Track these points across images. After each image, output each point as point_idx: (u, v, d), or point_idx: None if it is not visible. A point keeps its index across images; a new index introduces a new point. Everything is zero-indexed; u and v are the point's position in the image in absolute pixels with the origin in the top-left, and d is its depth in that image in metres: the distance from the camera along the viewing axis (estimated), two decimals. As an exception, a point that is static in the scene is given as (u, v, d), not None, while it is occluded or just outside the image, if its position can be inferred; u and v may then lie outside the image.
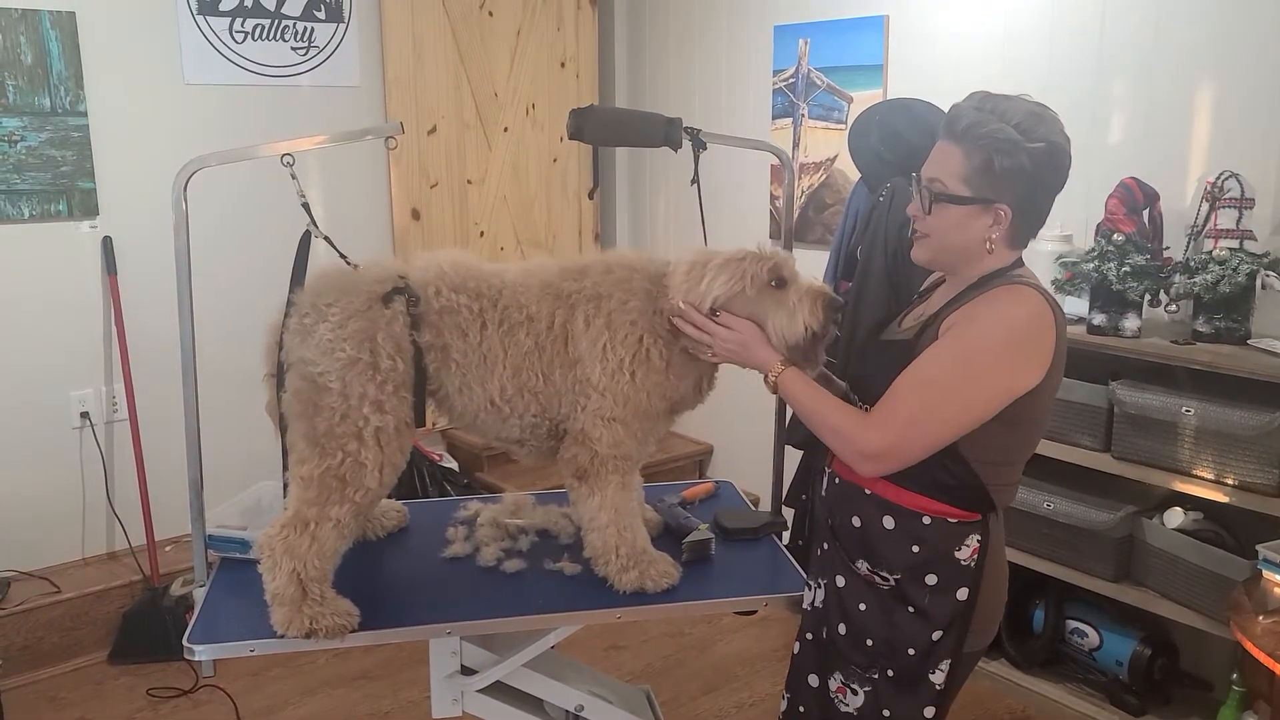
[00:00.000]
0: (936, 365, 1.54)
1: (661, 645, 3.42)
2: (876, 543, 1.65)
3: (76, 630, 3.29)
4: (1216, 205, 2.61)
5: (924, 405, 1.53)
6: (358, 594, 1.77)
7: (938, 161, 1.59)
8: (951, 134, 1.57)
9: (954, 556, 1.61)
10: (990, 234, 1.58)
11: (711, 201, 2.01)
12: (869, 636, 1.66)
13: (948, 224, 1.59)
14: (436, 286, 1.77)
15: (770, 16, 3.87)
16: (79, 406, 3.46)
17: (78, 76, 3.28)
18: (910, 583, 1.62)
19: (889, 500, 1.63)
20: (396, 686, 3.17)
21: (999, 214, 1.57)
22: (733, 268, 1.75)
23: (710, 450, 4.46)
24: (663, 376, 1.80)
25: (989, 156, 1.53)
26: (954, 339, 1.54)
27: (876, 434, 1.55)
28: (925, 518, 1.61)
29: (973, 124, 1.54)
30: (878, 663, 1.66)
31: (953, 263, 1.65)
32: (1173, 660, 2.83)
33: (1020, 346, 1.52)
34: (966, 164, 1.55)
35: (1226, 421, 2.46)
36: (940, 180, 1.58)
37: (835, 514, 1.73)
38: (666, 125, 1.99)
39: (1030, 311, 1.53)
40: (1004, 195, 1.56)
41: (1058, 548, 2.85)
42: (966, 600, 1.62)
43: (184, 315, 1.82)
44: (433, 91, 4.09)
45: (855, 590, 1.68)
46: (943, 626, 1.62)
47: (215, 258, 3.52)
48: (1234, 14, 2.66)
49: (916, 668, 1.63)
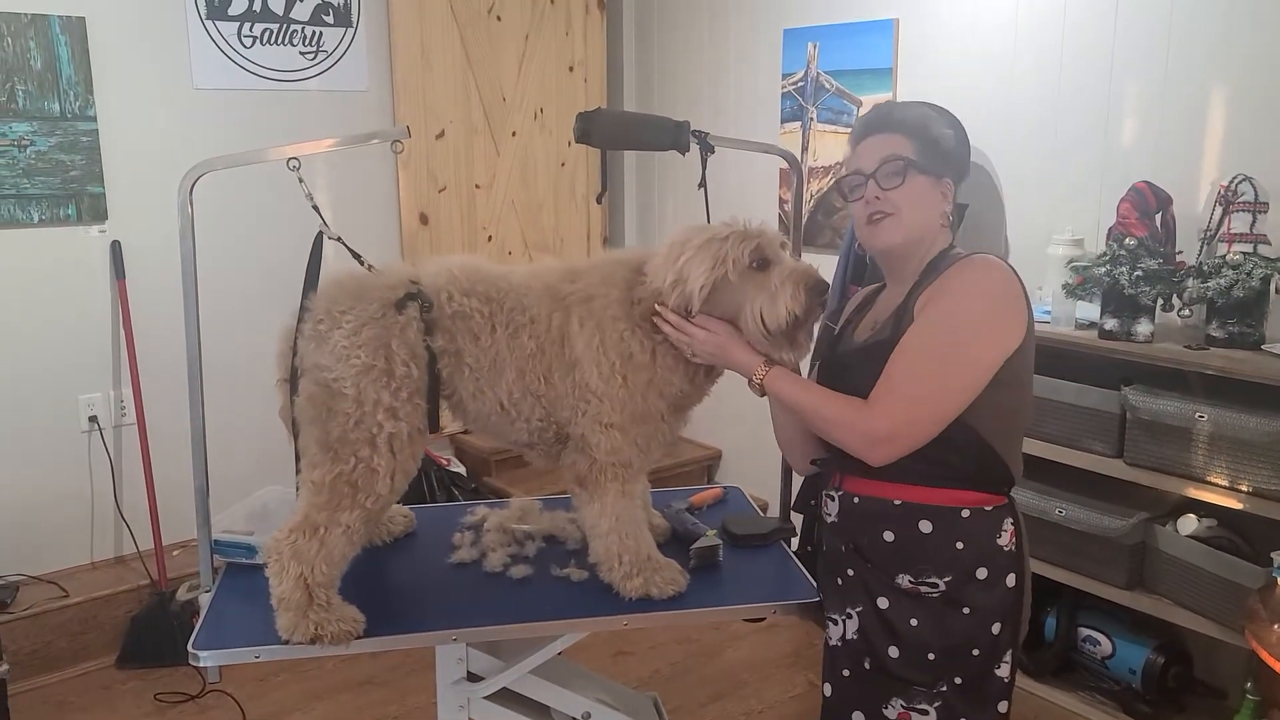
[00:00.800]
0: (927, 340, 1.55)
1: (669, 652, 3.41)
2: (917, 551, 1.61)
3: (84, 635, 3.29)
4: (1230, 209, 2.59)
5: (924, 379, 1.54)
6: (364, 599, 1.76)
7: (884, 147, 1.64)
8: (886, 126, 1.66)
9: (997, 544, 1.61)
10: (944, 207, 1.66)
11: (720, 205, 2.00)
12: (929, 651, 1.61)
13: (916, 196, 1.63)
14: (449, 291, 1.76)
15: (779, 20, 3.86)
16: (87, 410, 3.46)
17: (87, 81, 3.29)
18: (961, 583, 1.60)
19: (922, 504, 1.61)
20: (403, 693, 3.16)
21: (946, 186, 1.67)
22: (713, 249, 1.71)
23: (719, 455, 4.44)
24: (650, 371, 1.77)
25: (929, 136, 1.64)
26: (937, 312, 1.56)
27: (883, 417, 1.55)
28: (964, 511, 1.59)
29: (906, 114, 1.67)
30: (944, 674, 1.61)
31: (919, 240, 1.66)
32: (1186, 668, 2.81)
33: (1001, 307, 1.57)
34: (913, 145, 1.63)
35: (1241, 427, 2.44)
36: (901, 155, 1.62)
37: (860, 535, 1.68)
38: (674, 128, 1.98)
39: (1002, 274, 1.59)
40: (947, 170, 1.67)
41: (1070, 555, 2.83)
42: (1015, 586, 1.62)
43: (190, 319, 1.82)
44: (441, 96, 4.09)
45: (902, 607, 1.63)
46: (1000, 618, 1.61)
47: (224, 263, 3.52)
48: (1246, 17, 2.64)
49: (983, 667, 1.61)
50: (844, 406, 1.59)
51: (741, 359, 1.70)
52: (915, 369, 1.54)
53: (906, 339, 1.57)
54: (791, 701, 3.13)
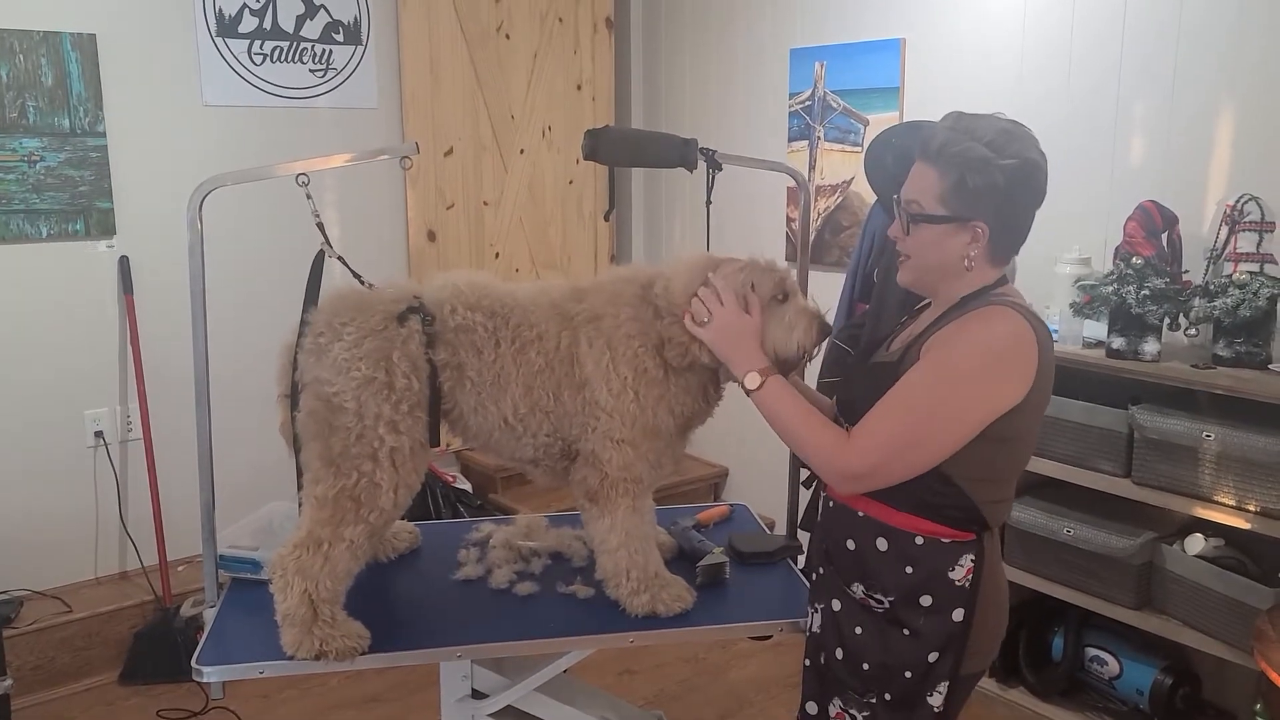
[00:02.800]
0: (918, 389, 1.54)
1: (675, 670, 3.39)
2: (871, 565, 1.64)
3: (88, 650, 3.29)
4: (1236, 228, 2.59)
5: (904, 427, 1.54)
6: (369, 616, 1.76)
7: (914, 183, 1.61)
8: (926, 155, 1.59)
9: (948, 577, 1.60)
10: (969, 251, 1.59)
11: (728, 223, 2.01)
12: (865, 660, 1.65)
13: (925, 244, 1.60)
14: (452, 305, 1.76)
15: (786, 40, 3.88)
16: (94, 426, 3.47)
17: (97, 97, 3.32)
18: (905, 605, 1.61)
19: (882, 521, 1.63)
20: (408, 710, 3.14)
21: (976, 232, 1.58)
22: (743, 276, 1.75)
23: (725, 473, 4.44)
24: (663, 388, 1.78)
25: (962, 175, 1.55)
26: (933, 361, 1.55)
27: (857, 456, 1.55)
28: (918, 538, 1.60)
29: (945, 143, 1.56)
30: (874, 687, 1.64)
31: (934, 282, 1.65)
32: (1195, 689, 2.79)
33: (999, 365, 1.52)
34: (941, 184, 1.57)
35: (1248, 447, 2.43)
36: (917, 201, 1.60)
37: (830, 537, 1.73)
38: (682, 146, 1.99)
39: (1009, 330, 1.53)
40: (979, 213, 1.57)
41: (1077, 574, 2.81)
42: (962, 621, 1.60)
43: (198, 335, 1.82)
44: (449, 113, 4.11)
45: (851, 614, 1.68)
46: (938, 648, 1.60)
47: (232, 279, 3.53)
48: (1253, 37, 2.65)
49: (914, 691, 1.62)
50: (825, 435, 1.60)
51: (750, 351, 1.69)
52: (899, 416, 1.54)
53: (901, 383, 1.56)
54: (797, 721, 3.10)
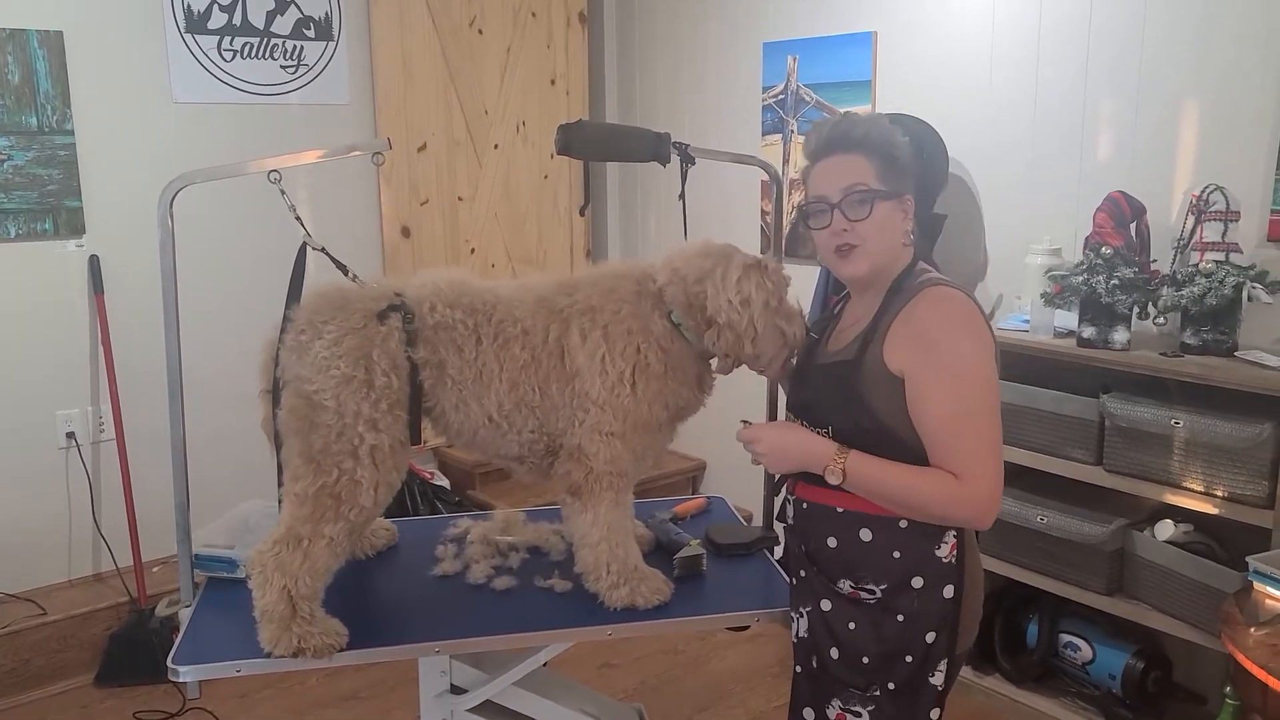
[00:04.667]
0: (961, 396, 1.56)
1: (654, 663, 3.40)
2: (857, 558, 1.66)
3: (63, 653, 3.26)
4: (1202, 218, 2.63)
5: (987, 434, 1.57)
6: (346, 613, 1.76)
7: (843, 172, 1.64)
8: (845, 145, 1.64)
9: (935, 556, 1.63)
10: (906, 226, 1.67)
11: (702, 218, 2.02)
12: (864, 655, 1.66)
13: (879, 225, 1.63)
14: (431, 303, 1.76)
15: (759, 33, 3.89)
16: (65, 427, 3.44)
17: (65, 95, 3.28)
18: (897, 590, 1.63)
19: (864, 513, 1.64)
20: (387, 707, 3.14)
21: (907, 204, 1.67)
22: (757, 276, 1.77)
23: (703, 466, 4.45)
24: (662, 382, 1.79)
25: (889, 153, 1.63)
26: (941, 367, 1.57)
27: (983, 482, 1.55)
28: (901, 522, 1.62)
29: (867, 130, 1.64)
30: (877, 679, 1.65)
31: (885, 266, 1.67)
32: (1166, 673, 2.83)
33: (984, 340, 1.61)
34: (871, 166, 1.63)
35: (1216, 433, 2.47)
36: (862, 183, 1.62)
37: (809, 539, 1.74)
38: (655, 140, 2.00)
39: (969, 308, 1.62)
40: (906, 186, 1.66)
41: (1050, 561, 2.85)
42: (953, 597, 1.64)
43: (170, 334, 1.81)
44: (423, 109, 4.09)
45: (842, 611, 1.68)
46: (935, 627, 1.63)
47: (203, 277, 3.50)
48: (1218, 31, 2.68)
49: (916, 674, 1.64)
50: (940, 483, 1.56)
51: (816, 449, 1.64)
52: (976, 429, 1.56)
53: (933, 402, 1.56)
54: (776, 712, 3.13)
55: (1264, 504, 2.41)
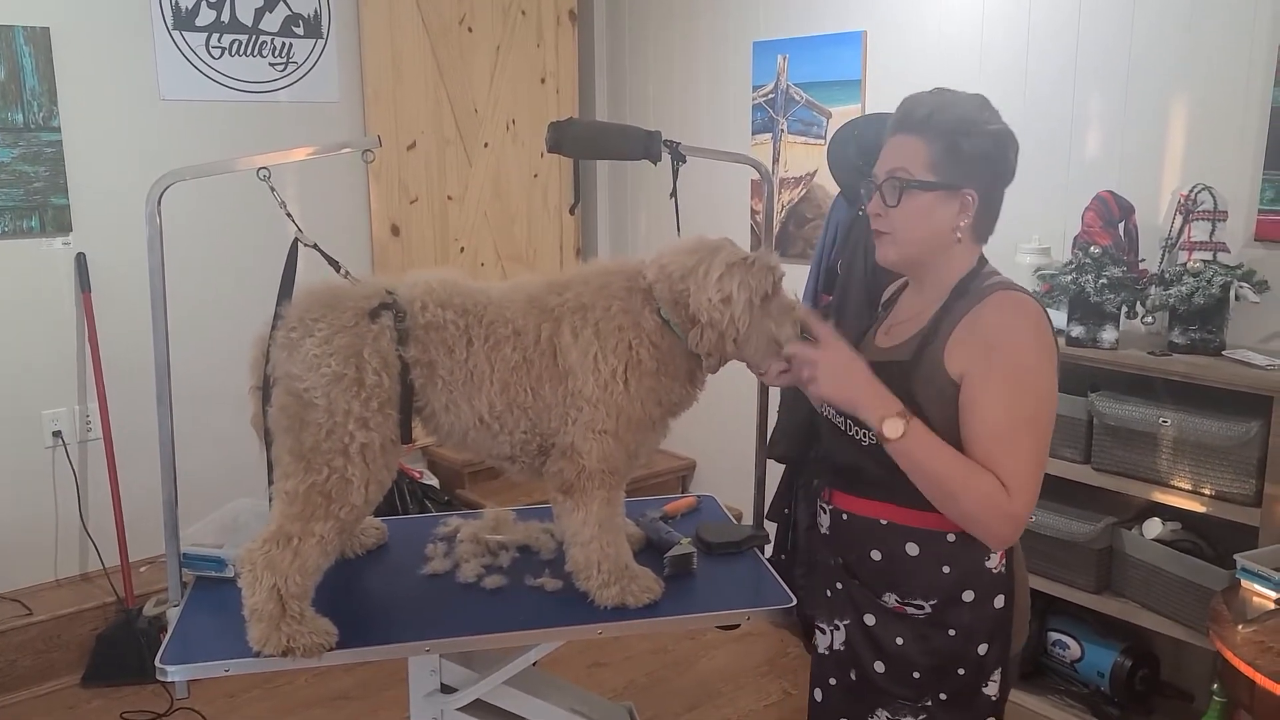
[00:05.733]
0: (1014, 407, 1.48)
1: (644, 662, 3.40)
2: (903, 573, 1.59)
3: (49, 653, 3.24)
4: (1190, 218, 2.64)
5: (1035, 450, 1.49)
6: (336, 612, 1.75)
7: (896, 153, 1.55)
8: (908, 126, 1.55)
9: (985, 567, 1.57)
10: (958, 222, 1.55)
11: (693, 217, 2.01)
12: (914, 669, 1.59)
13: (913, 215, 1.54)
14: (423, 302, 1.75)
15: (749, 33, 3.90)
16: (52, 425, 3.41)
17: (51, 92, 3.26)
18: (947, 605, 1.57)
19: (909, 526, 1.57)
20: (376, 707, 3.13)
21: (966, 200, 1.54)
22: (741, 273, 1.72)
23: (693, 465, 4.45)
24: (655, 379, 1.78)
25: (954, 141, 1.51)
26: (1001, 373, 1.48)
27: (1021, 498, 1.46)
28: (949, 536, 1.56)
29: (934, 110, 1.53)
30: (928, 691, 1.59)
31: (920, 258, 1.59)
32: (1154, 671, 2.84)
33: (1049, 353, 1.52)
34: (929, 151, 1.52)
35: (1203, 432, 2.48)
36: (904, 169, 1.54)
37: (849, 551, 1.66)
38: (646, 138, 1.99)
39: (1039, 316, 1.53)
40: (969, 180, 1.53)
41: (1039, 559, 2.85)
42: (1004, 607, 1.59)
43: (158, 332, 1.80)
44: (412, 107, 4.08)
45: (888, 625, 1.61)
46: (986, 639, 1.58)
47: (191, 275, 3.49)
48: (1206, 31, 2.70)
49: (969, 685, 1.59)
50: (990, 488, 1.46)
51: (877, 391, 1.50)
52: (1027, 442, 1.48)
53: (987, 409, 1.48)
54: (766, 710, 3.13)
55: (1251, 502, 2.43)
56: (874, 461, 1.58)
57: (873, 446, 1.56)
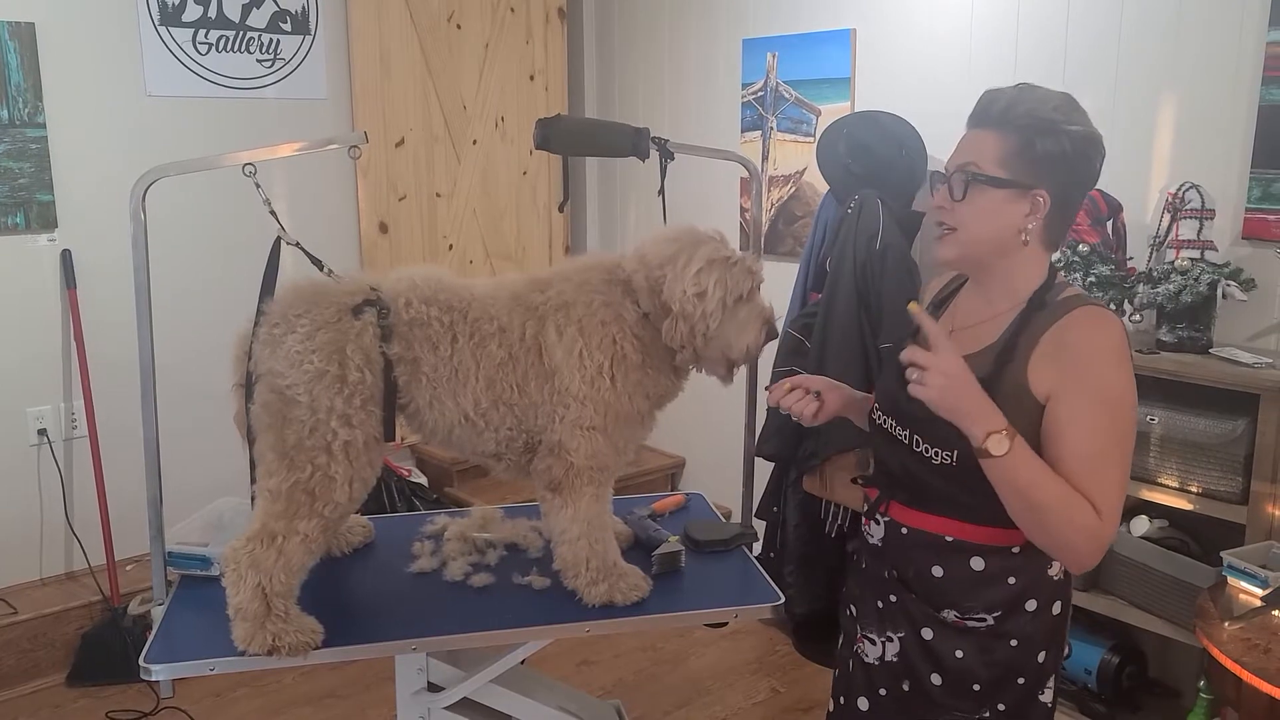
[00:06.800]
0: (1099, 432, 1.43)
1: (633, 660, 3.40)
2: (967, 588, 1.55)
3: (34, 652, 3.21)
4: (1178, 216, 2.65)
5: (1119, 474, 1.45)
6: (322, 610, 1.74)
7: (969, 148, 1.50)
8: (985, 120, 1.50)
9: (1047, 575, 1.56)
10: (1026, 224, 1.48)
11: (681, 214, 2.00)
12: (974, 681, 1.56)
13: (980, 212, 1.48)
14: (407, 298, 1.75)
15: (738, 30, 3.89)
16: (36, 423, 3.39)
17: (36, 88, 3.23)
18: (1010, 616, 1.55)
19: (975, 543, 1.54)
20: (363, 706, 3.12)
21: (1037, 201, 1.47)
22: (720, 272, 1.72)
23: (682, 463, 4.45)
24: (641, 372, 1.78)
25: (1029, 138, 1.46)
26: (1094, 395, 1.43)
27: (1109, 524, 1.42)
28: (1014, 548, 1.53)
29: (1011, 104, 1.48)
30: (987, 702, 1.57)
31: (982, 258, 1.52)
32: (1141, 668, 2.85)
33: (1130, 374, 1.47)
34: (1003, 147, 1.47)
35: (1191, 429, 2.49)
36: (974, 163, 1.48)
37: (906, 565, 1.61)
38: (634, 135, 1.99)
39: (1123, 334, 1.48)
40: (1042, 180, 1.47)
41: (1027, 557, 2.86)
42: (1060, 613, 1.58)
43: (143, 329, 1.79)
44: (400, 104, 4.07)
45: (947, 639, 1.57)
46: (1044, 646, 1.57)
47: (177, 272, 3.47)
48: (1192, 30, 2.70)
49: (1028, 693, 1.58)
50: (1086, 512, 1.41)
51: (986, 406, 1.41)
52: (1117, 465, 1.45)
53: (1077, 434, 1.43)
54: (755, 708, 3.13)
55: (1238, 500, 2.44)
56: (943, 479, 1.53)
57: (944, 466, 1.52)
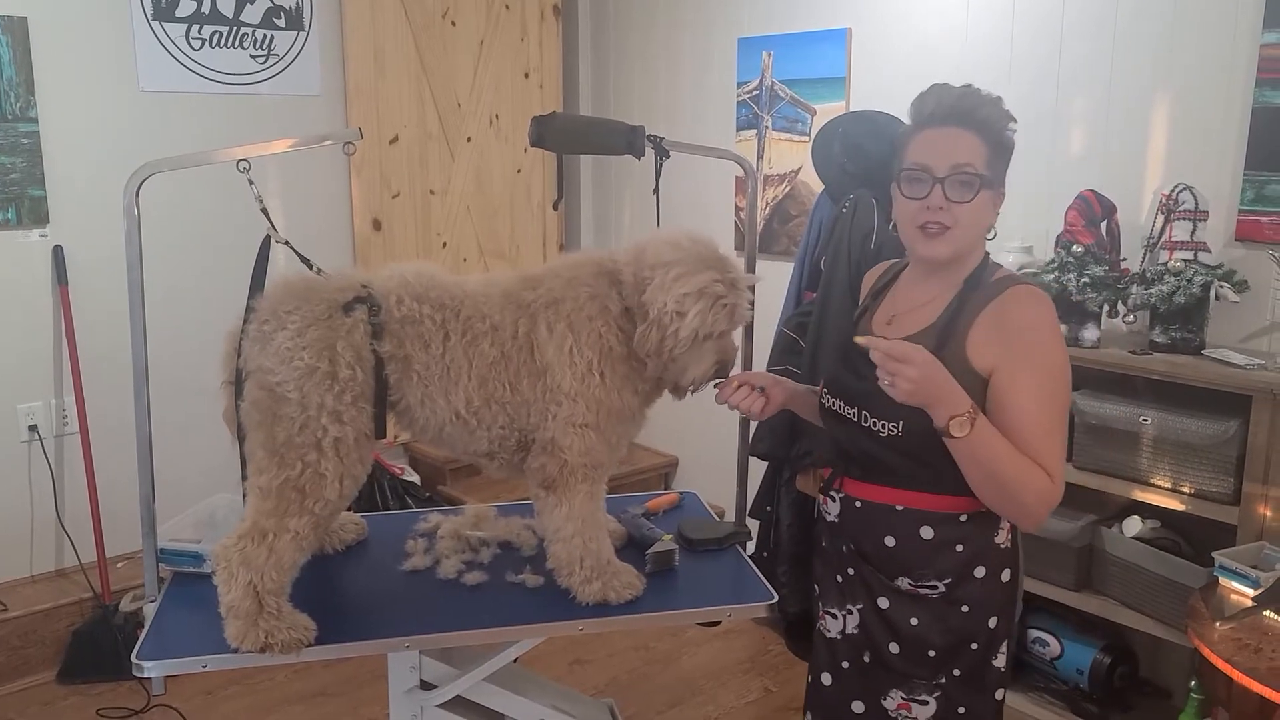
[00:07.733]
0: (1045, 401, 1.53)
1: (626, 659, 3.40)
2: (917, 556, 1.63)
3: (24, 649, 3.20)
4: (1171, 217, 2.65)
5: (1062, 439, 1.56)
6: (315, 608, 1.74)
7: (958, 149, 1.56)
8: (966, 121, 1.57)
9: (994, 543, 1.64)
10: (992, 220, 1.62)
11: (676, 213, 2.01)
12: (929, 648, 1.64)
13: (977, 211, 1.57)
14: (399, 295, 1.74)
15: (734, 29, 3.89)
16: (27, 419, 3.37)
17: (29, 82, 3.22)
18: (960, 582, 1.63)
19: (924, 510, 1.61)
20: (356, 703, 3.11)
21: (999, 197, 1.61)
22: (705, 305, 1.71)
23: (675, 463, 4.45)
24: (628, 365, 1.78)
25: (998, 139, 1.58)
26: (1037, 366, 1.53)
27: (1058, 485, 1.53)
28: (961, 516, 1.61)
29: (977, 105, 1.59)
30: (943, 668, 1.65)
31: (964, 254, 1.61)
32: (1132, 668, 2.86)
33: (1063, 344, 1.59)
34: (985, 148, 1.57)
35: (1183, 430, 2.49)
36: (971, 165, 1.55)
37: (862, 537, 1.68)
38: (629, 133, 1.99)
39: (1054, 310, 1.59)
40: (1002, 176, 1.61)
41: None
42: (1010, 580, 1.66)
43: (135, 325, 1.78)
44: (394, 101, 4.06)
45: (902, 608, 1.65)
46: (996, 612, 1.65)
47: (169, 268, 3.46)
48: (1187, 32, 2.71)
49: (981, 658, 1.66)
50: (1040, 478, 1.51)
51: (957, 391, 1.49)
52: (1057, 435, 1.55)
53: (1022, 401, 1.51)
54: (747, 707, 3.13)
55: (1229, 500, 2.44)
56: (892, 450, 1.61)
57: (892, 438, 1.59)
